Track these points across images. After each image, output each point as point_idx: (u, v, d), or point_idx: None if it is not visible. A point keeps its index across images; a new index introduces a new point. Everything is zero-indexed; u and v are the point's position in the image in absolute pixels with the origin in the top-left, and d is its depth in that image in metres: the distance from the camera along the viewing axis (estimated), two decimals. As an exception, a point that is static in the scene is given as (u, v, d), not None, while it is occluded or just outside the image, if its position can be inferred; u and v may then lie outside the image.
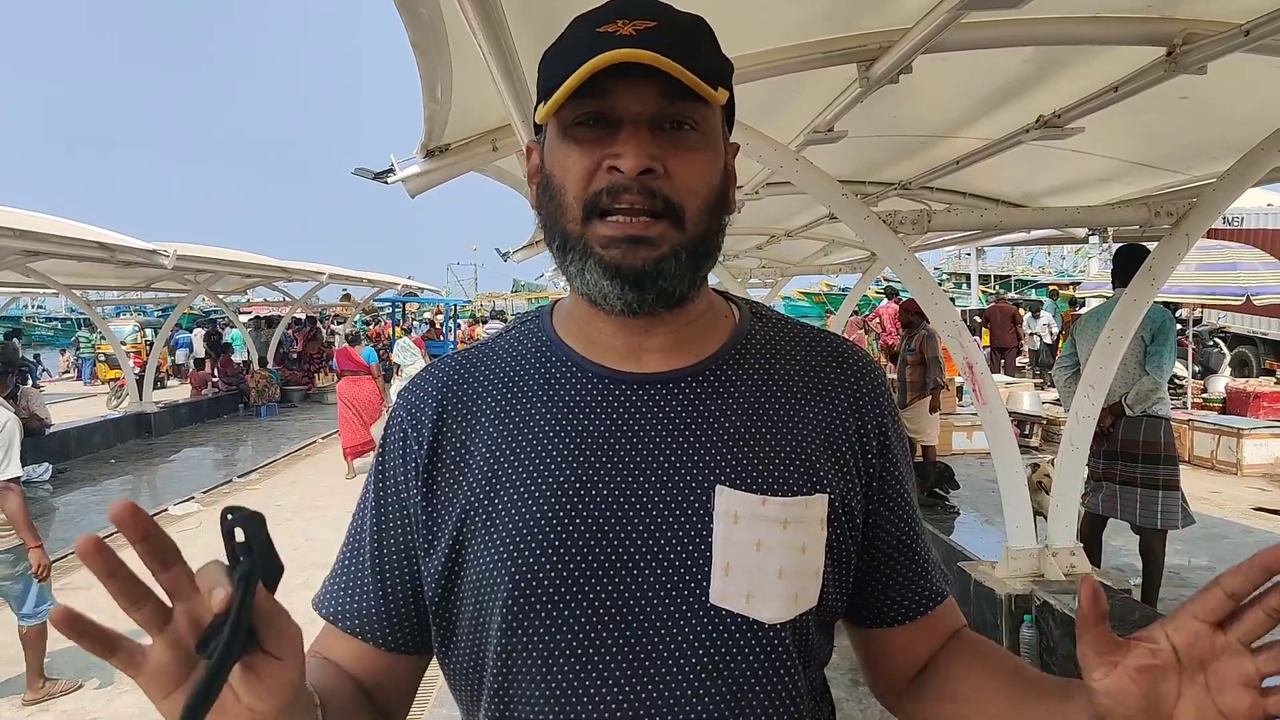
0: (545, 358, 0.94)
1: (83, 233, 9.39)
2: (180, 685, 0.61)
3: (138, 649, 0.61)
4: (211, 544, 2.75)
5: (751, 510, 0.85)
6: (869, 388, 0.97)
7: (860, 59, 3.06)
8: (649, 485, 0.85)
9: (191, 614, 0.62)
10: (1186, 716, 0.66)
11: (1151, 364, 4.62)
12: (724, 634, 0.83)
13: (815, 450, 0.90)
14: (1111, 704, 0.68)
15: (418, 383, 0.97)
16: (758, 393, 0.92)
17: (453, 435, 0.91)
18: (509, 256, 8.84)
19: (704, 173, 0.86)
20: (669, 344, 0.92)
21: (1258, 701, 0.64)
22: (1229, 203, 3.97)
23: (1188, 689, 0.66)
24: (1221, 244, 12.04)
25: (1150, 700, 0.66)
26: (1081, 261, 30.10)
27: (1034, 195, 5.96)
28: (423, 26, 2.38)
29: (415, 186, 3.82)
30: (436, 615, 0.90)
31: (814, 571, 0.87)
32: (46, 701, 4.51)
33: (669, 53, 0.79)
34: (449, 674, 0.93)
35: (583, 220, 0.84)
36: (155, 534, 0.60)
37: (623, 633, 0.83)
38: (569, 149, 0.85)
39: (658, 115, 0.83)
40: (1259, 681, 0.64)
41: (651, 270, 0.83)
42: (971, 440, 9.59)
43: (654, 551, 0.84)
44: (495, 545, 0.85)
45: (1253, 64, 2.95)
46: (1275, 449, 9.01)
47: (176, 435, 14.06)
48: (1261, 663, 0.64)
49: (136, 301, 23.68)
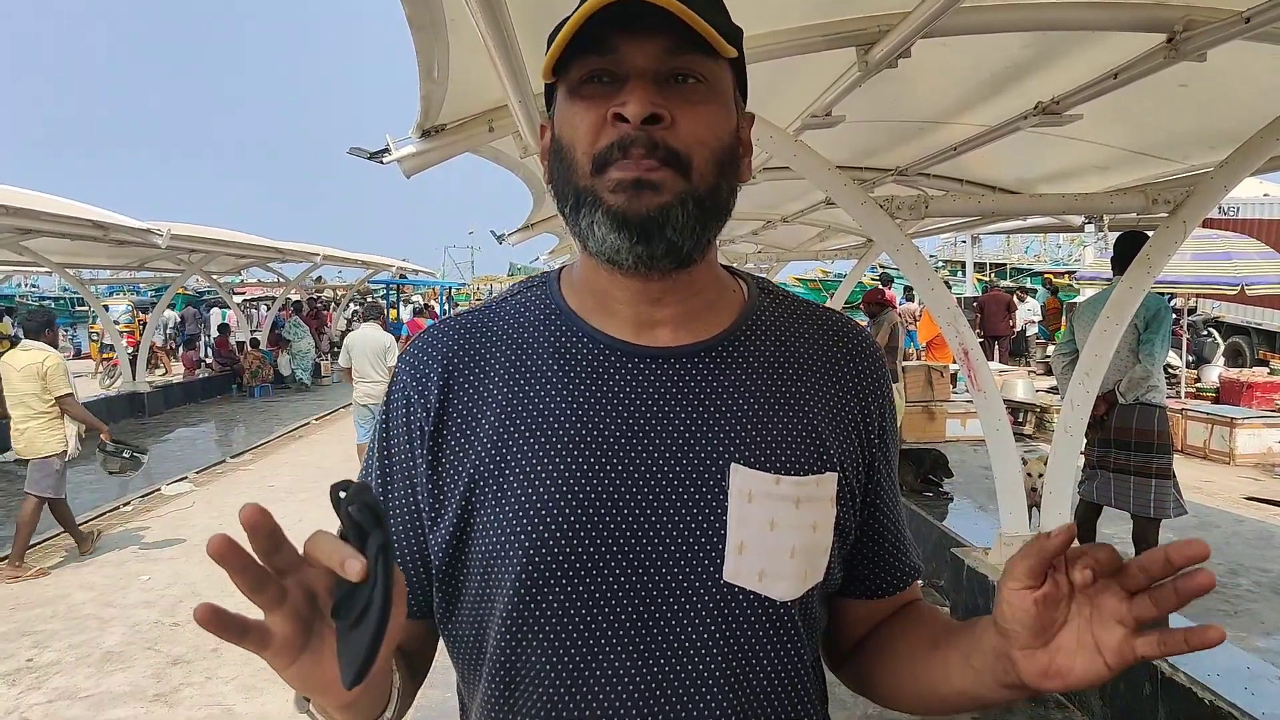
0: (555, 326, 0.92)
1: (76, 211, 9.33)
2: (301, 653, 0.66)
3: (264, 628, 0.64)
4: (204, 523, 2.77)
5: (765, 489, 0.85)
6: (873, 369, 0.98)
7: (859, 43, 3.05)
8: (663, 461, 0.85)
9: (303, 585, 0.66)
10: (1067, 639, 0.74)
11: (1144, 351, 4.63)
12: (736, 611, 0.84)
13: (824, 429, 0.91)
14: (1010, 615, 0.74)
15: (421, 346, 0.95)
16: (770, 370, 0.92)
17: (459, 402, 0.89)
18: (504, 239, 8.81)
19: (711, 125, 0.84)
20: (679, 316, 0.91)
21: (1128, 638, 0.71)
22: (1226, 192, 3.96)
23: (1073, 619, 0.74)
24: (1217, 233, 12.05)
25: (1042, 622, 0.73)
26: (1077, 250, 30.09)
27: (1031, 182, 5.94)
28: (419, 3, 2.36)
29: (410, 167, 3.79)
30: (441, 585, 0.90)
31: (823, 549, 0.89)
32: (27, 578, 4.50)
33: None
34: (450, 642, 0.93)
35: (592, 174, 0.83)
36: (275, 528, 0.63)
37: (635, 607, 0.83)
38: (576, 107, 0.84)
39: (664, 69, 0.82)
40: (1133, 625, 0.71)
41: (658, 215, 0.82)
42: (965, 427, 9.61)
43: (668, 528, 0.84)
44: (507, 517, 0.84)
45: (1252, 52, 2.94)
46: (1268, 439, 9.04)
47: (169, 415, 14.03)
48: (1134, 609, 0.71)
49: (130, 281, 23.55)
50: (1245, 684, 3.05)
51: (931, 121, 4.65)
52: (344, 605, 0.64)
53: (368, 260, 22.05)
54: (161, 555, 6.55)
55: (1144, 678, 3.30)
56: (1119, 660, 0.72)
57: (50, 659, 4.75)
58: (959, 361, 4.21)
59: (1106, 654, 0.72)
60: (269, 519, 0.63)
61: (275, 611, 0.64)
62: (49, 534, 6.96)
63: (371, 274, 24.54)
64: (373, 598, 0.62)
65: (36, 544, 6.71)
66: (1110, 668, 0.72)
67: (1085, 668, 0.73)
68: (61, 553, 6.64)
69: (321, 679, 0.67)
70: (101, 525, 7.36)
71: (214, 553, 0.60)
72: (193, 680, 4.45)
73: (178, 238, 10.98)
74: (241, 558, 0.61)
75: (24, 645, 4.92)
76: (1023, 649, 0.75)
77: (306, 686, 0.69)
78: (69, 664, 4.68)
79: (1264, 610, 5.15)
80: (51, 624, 5.24)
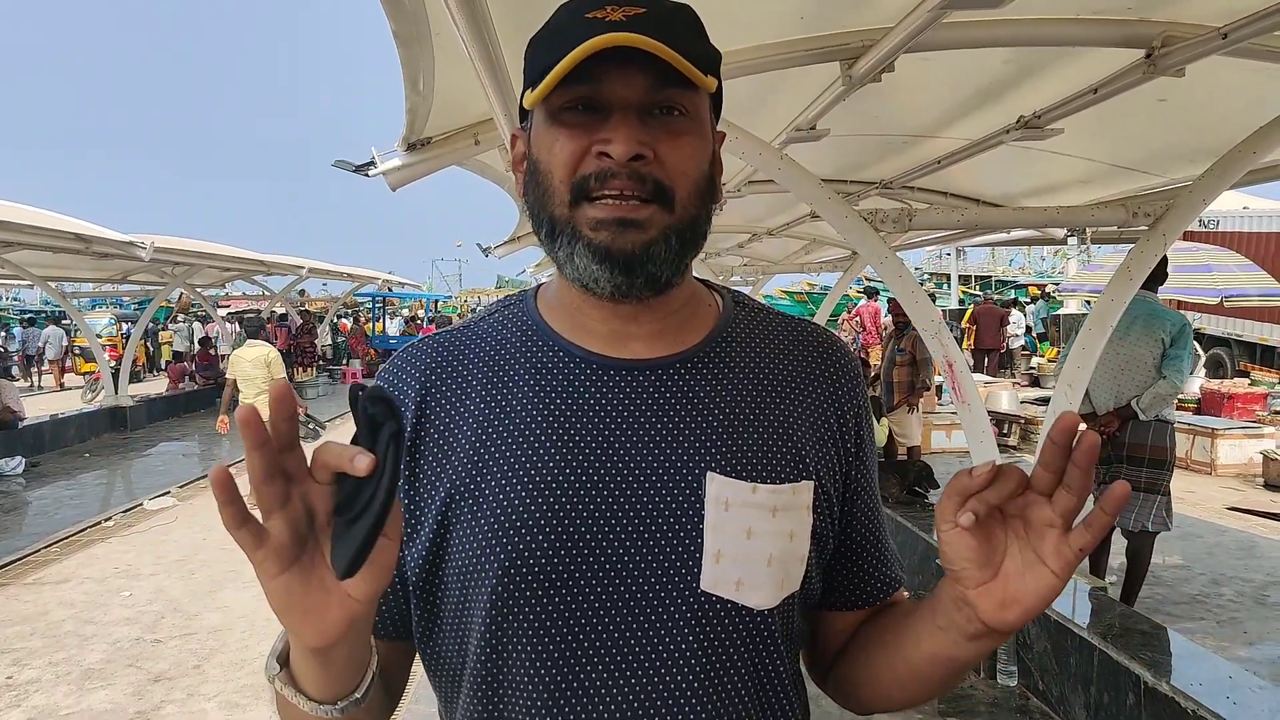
0: (531, 341, 0.93)
1: (58, 223, 9.27)
2: (290, 565, 0.67)
3: (261, 527, 0.65)
4: (187, 538, 2.75)
5: (742, 497, 0.86)
6: (848, 379, 0.98)
7: (843, 57, 3.07)
8: (639, 471, 0.85)
9: (304, 497, 0.66)
10: (1012, 564, 0.75)
11: (1171, 368, 4.57)
12: (714, 620, 0.84)
13: (801, 437, 0.91)
14: (953, 555, 0.76)
15: (398, 364, 0.95)
16: (744, 380, 0.92)
17: (436, 419, 0.90)
18: (490, 251, 8.81)
19: (694, 158, 0.86)
20: (655, 331, 0.91)
21: (1062, 539, 0.73)
22: (1205, 205, 4.01)
23: (1012, 543, 0.75)
24: (1197, 246, 12.17)
25: (984, 553, 0.75)
26: (1060, 262, 30.33)
27: (1014, 196, 6.00)
28: (405, 17, 2.37)
29: (396, 180, 3.80)
30: (419, 602, 0.90)
31: (800, 558, 0.89)
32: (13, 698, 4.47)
33: (659, 38, 0.78)
34: (428, 660, 0.93)
35: (570, 204, 0.84)
36: (294, 413, 0.65)
37: (612, 618, 0.83)
38: (557, 133, 0.84)
39: (647, 101, 0.82)
40: (1063, 524, 0.73)
41: (641, 254, 0.83)
42: (950, 439, 9.65)
43: (645, 537, 0.84)
44: (482, 530, 0.84)
45: (1229, 67, 2.98)
46: (1249, 450, 9.10)
47: (152, 429, 13.91)
48: (1057, 504, 0.73)
49: (113, 294, 23.43)
50: (1227, 693, 3.07)
51: (915, 135, 4.69)
52: (347, 503, 0.65)
53: (353, 273, 22.00)
54: (143, 571, 6.48)
55: (1127, 688, 3.32)
56: (1061, 563, 0.73)
57: (30, 676, 4.69)
58: (944, 374, 4.23)
59: (1050, 562, 0.73)
60: (294, 399, 0.64)
61: (275, 514, 0.65)
62: (29, 549, 6.89)
63: (358, 287, 24.47)
64: (378, 490, 0.63)
65: (13, 561, 6.64)
66: (1057, 574, 0.73)
67: (1036, 584, 0.74)
68: (40, 569, 6.57)
69: (305, 600, 0.68)
70: (83, 540, 7.29)
71: (241, 417, 0.62)
72: (174, 697, 4.40)
73: (161, 251, 10.92)
74: (263, 432, 0.62)
75: (3, 663, 4.86)
76: (976, 587, 0.76)
77: (289, 604, 0.68)
78: (49, 682, 4.63)
79: (1247, 619, 5.18)
80: (31, 641, 5.18)
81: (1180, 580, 5.80)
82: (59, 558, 6.86)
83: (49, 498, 9.22)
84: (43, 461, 10.85)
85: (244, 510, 0.63)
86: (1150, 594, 5.34)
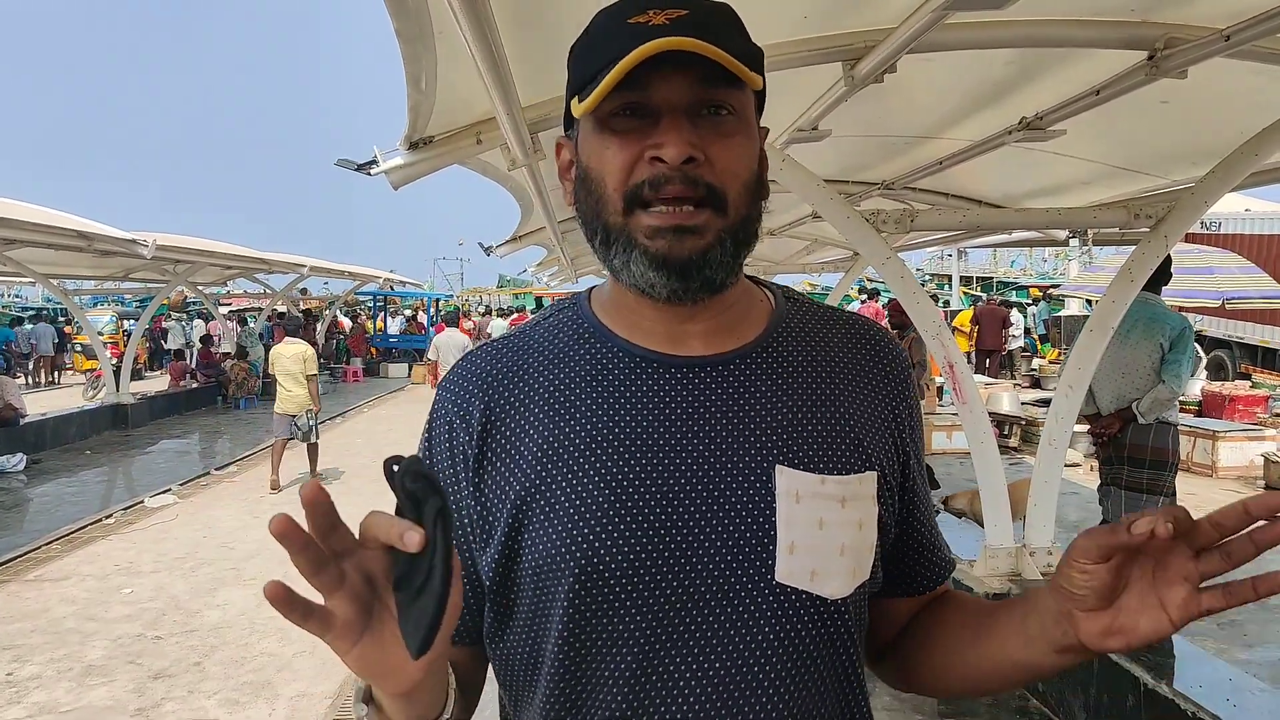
0: (589, 343, 0.94)
1: (60, 221, 9.28)
2: (360, 636, 0.67)
3: (327, 611, 0.66)
4: (187, 536, 2.75)
5: (812, 489, 0.87)
6: (899, 371, 1.01)
7: (845, 57, 3.07)
8: (707, 466, 0.86)
9: (360, 567, 0.67)
10: (1130, 599, 0.75)
11: (1170, 373, 4.56)
12: (790, 611, 0.86)
13: (861, 429, 0.93)
14: (1078, 582, 0.75)
15: (460, 373, 0.97)
16: (803, 374, 0.93)
17: (503, 425, 0.91)
18: (492, 251, 8.81)
19: (744, 157, 0.87)
20: (711, 328, 0.92)
21: (1193, 596, 0.72)
22: (1207, 207, 4.01)
23: (1136, 580, 0.75)
24: (1199, 248, 12.16)
25: (1111, 586, 0.75)
26: (1062, 264, 30.31)
27: (1016, 197, 5.99)
28: (407, 15, 2.36)
29: (398, 178, 3.79)
30: (493, 604, 0.92)
31: (870, 546, 0.91)
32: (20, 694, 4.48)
33: (705, 39, 0.79)
34: (499, 659, 0.94)
35: (624, 212, 0.85)
36: (331, 507, 0.64)
37: (690, 612, 0.84)
38: (607, 141, 0.85)
39: (695, 103, 0.83)
40: (1198, 581, 0.72)
41: (698, 259, 0.84)
42: (951, 440, 9.64)
43: (718, 531, 0.85)
44: (555, 531, 0.85)
45: (1231, 69, 2.98)
46: (1250, 452, 9.09)
47: (154, 427, 13.92)
48: (1202, 565, 0.72)
49: (114, 291, 23.46)
50: (1227, 695, 3.07)
51: (917, 136, 4.68)
52: (406, 578, 0.65)
53: (355, 271, 21.99)
54: (144, 568, 6.49)
55: (1127, 690, 3.32)
56: (1184, 615, 0.73)
57: (31, 673, 4.70)
58: (944, 374, 4.23)
59: (1171, 610, 0.73)
60: (327, 498, 0.64)
61: (335, 594, 0.65)
62: (30, 546, 6.90)
63: (359, 285, 24.46)
64: (434, 565, 0.63)
65: (14, 558, 6.65)
66: (1175, 623, 0.73)
67: (1149, 625, 0.74)
68: (41, 565, 6.58)
69: (384, 662, 0.69)
70: (84, 537, 7.30)
71: (276, 531, 0.61)
72: (175, 694, 4.41)
73: (163, 248, 10.93)
74: (302, 537, 0.62)
75: (4, 659, 4.87)
76: (1087, 610, 0.76)
77: (368, 670, 0.70)
78: (50, 678, 4.64)
79: (1246, 622, 5.17)
80: (32, 638, 5.19)
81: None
82: (60, 555, 6.86)
83: (50, 495, 9.24)
84: (44, 458, 10.88)
85: (305, 605, 0.63)
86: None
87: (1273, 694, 3.18)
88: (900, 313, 7.96)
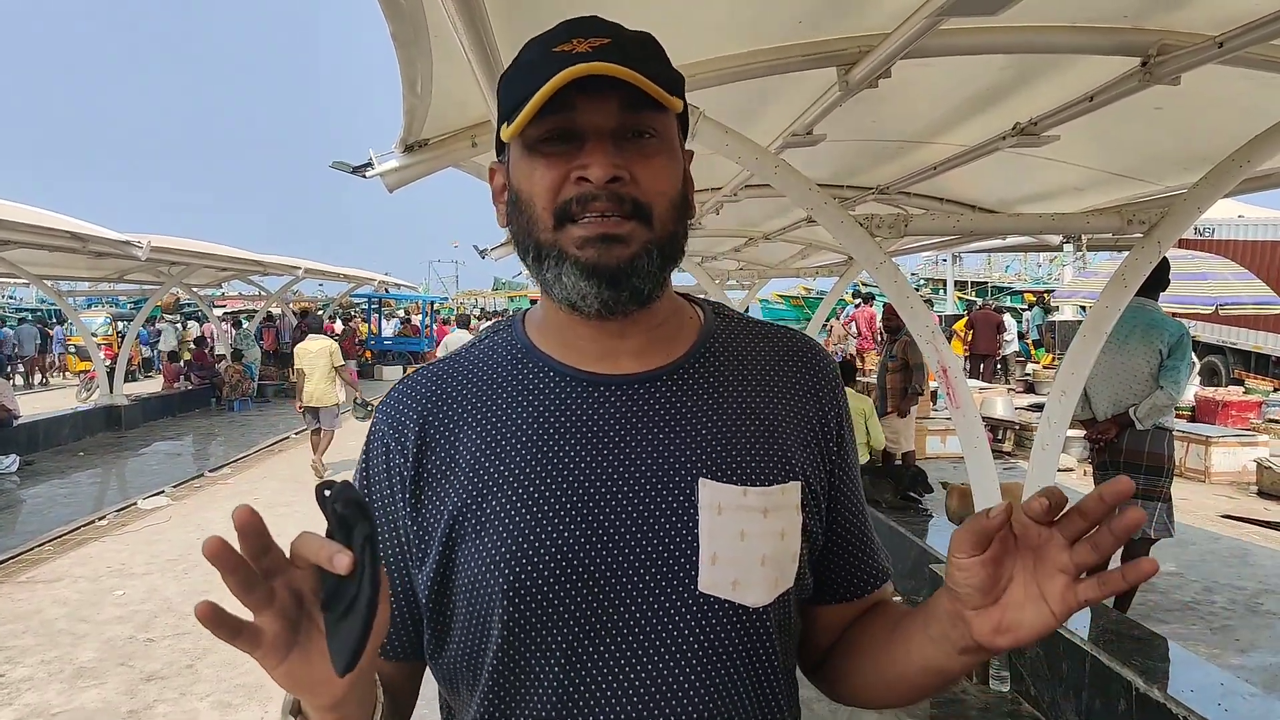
0: (521, 364, 0.97)
1: (54, 222, 9.25)
2: (290, 651, 0.70)
3: (256, 629, 0.68)
4: (180, 538, 2.75)
5: (734, 501, 0.89)
6: (828, 381, 1.03)
7: (840, 62, 3.08)
8: (633, 481, 0.89)
9: (290, 585, 0.70)
10: (1014, 594, 0.77)
11: (1168, 379, 4.57)
12: (713, 620, 0.88)
13: (786, 439, 0.96)
14: (960, 579, 0.78)
15: (397, 396, 0.99)
16: (729, 388, 0.96)
17: (437, 446, 0.93)
18: (486, 254, 8.80)
19: (668, 176, 0.90)
20: (642, 345, 0.95)
21: (1070, 587, 0.75)
22: (1200, 213, 4.01)
23: (1019, 573, 0.77)
24: (1193, 254, 12.20)
25: (990, 580, 0.77)
26: (1056, 269, 30.40)
27: (1010, 202, 6.01)
28: (403, 18, 2.37)
29: (393, 181, 3.79)
30: (430, 620, 0.94)
31: (792, 555, 0.93)
32: None
33: (626, 65, 0.82)
34: (441, 672, 0.96)
35: (554, 228, 0.87)
36: (264, 530, 0.68)
37: (615, 624, 0.87)
38: (535, 164, 0.88)
39: (619, 126, 0.86)
40: (1074, 572, 0.75)
41: (625, 267, 0.87)
42: (945, 444, 9.66)
43: (642, 544, 0.87)
44: (487, 548, 0.88)
45: (1224, 76, 2.99)
46: (1243, 457, 9.12)
47: (147, 429, 13.89)
48: (1075, 556, 0.74)
49: (109, 293, 23.40)
50: (1219, 700, 3.07)
51: (912, 141, 4.70)
52: (333, 598, 0.67)
53: (350, 274, 21.97)
54: (136, 570, 6.47)
55: (1119, 694, 3.32)
56: (1064, 607, 0.75)
57: (22, 674, 4.68)
58: (938, 379, 4.24)
59: (1052, 603, 0.75)
60: (259, 521, 0.67)
61: (264, 612, 0.68)
62: (23, 548, 6.88)
63: (354, 288, 24.44)
64: (361, 587, 0.66)
65: (6, 560, 6.63)
66: (1056, 615, 0.75)
67: (1033, 619, 0.76)
68: (34, 567, 6.56)
69: (310, 677, 0.71)
70: (76, 539, 7.27)
71: (208, 553, 0.64)
72: (166, 696, 4.39)
73: (157, 250, 10.91)
74: (233, 558, 0.65)
75: (-5, 661, 4.85)
76: (974, 609, 0.79)
77: (295, 685, 0.72)
78: (41, 680, 4.62)
79: (1239, 627, 5.19)
80: (24, 639, 5.17)
81: (1173, 587, 5.81)
82: (52, 556, 6.84)
83: (43, 496, 9.21)
84: (37, 460, 10.84)
85: (235, 622, 0.66)
86: (1143, 601, 5.36)
87: (1264, 699, 3.19)
88: (894, 316, 7.96)
